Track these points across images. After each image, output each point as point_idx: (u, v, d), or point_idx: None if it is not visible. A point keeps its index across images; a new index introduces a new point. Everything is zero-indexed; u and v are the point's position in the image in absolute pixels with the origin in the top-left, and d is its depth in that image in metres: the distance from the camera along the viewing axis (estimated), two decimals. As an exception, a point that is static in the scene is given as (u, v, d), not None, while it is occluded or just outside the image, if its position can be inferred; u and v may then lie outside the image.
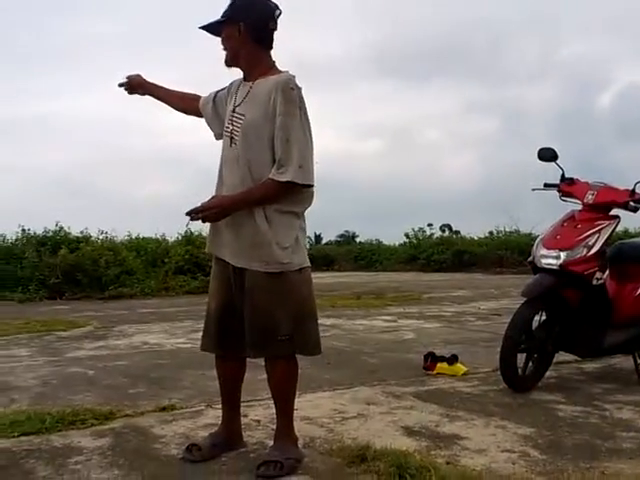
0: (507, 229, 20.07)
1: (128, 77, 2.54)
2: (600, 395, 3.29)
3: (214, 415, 2.82)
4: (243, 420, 2.59)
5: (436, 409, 3.01)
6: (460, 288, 11.42)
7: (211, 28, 2.30)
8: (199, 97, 2.53)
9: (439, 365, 3.81)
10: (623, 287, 3.65)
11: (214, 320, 2.31)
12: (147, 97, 2.58)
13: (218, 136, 2.43)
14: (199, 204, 2.23)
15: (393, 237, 24.31)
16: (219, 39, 2.33)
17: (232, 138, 2.27)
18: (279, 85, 2.18)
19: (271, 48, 2.31)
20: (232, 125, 2.28)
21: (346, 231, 38.96)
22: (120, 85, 2.55)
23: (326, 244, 31.22)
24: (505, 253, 18.17)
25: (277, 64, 2.32)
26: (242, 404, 2.55)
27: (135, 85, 2.56)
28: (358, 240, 29.19)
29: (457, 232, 22.17)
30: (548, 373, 3.55)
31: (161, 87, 2.58)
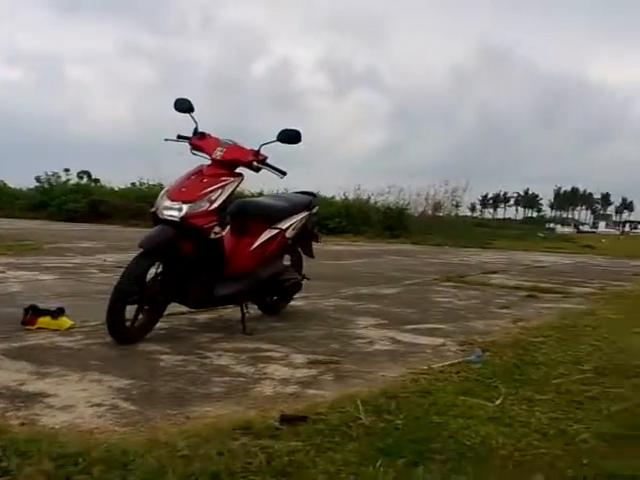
0: (151, 182, 20.01)
1: None
2: (205, 344, 3.39)
3: None
4: None
5: (26, 367, 2.70)
6: (90, 239, 10.95)
7: None
8: None
9: (41, 319, 3.44)
10: (240, 242, 3.85)
11: None
12: None
13: None
14: None
15: (21, 180, 22.16)
16: None
17: None
18: None
19: None
20: None
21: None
22: None
23: None
24: (145, 206, 18.06)
25: None
26: None
27: None
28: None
29: (97, 180, 21.17)
30: (160, 325, 3.52)
31: None
